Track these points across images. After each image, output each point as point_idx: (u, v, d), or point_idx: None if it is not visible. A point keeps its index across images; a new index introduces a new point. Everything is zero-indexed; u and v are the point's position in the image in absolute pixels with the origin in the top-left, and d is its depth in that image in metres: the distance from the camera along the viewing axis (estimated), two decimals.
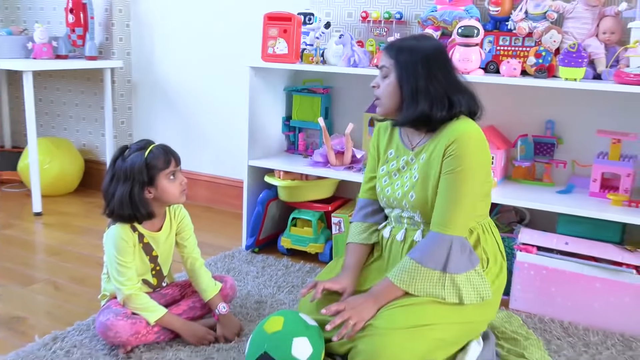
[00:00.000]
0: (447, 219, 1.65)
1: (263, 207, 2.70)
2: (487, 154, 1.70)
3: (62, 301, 2.22)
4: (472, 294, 1.67)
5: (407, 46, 1.70)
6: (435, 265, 1.64)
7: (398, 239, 1.79)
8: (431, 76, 1.67)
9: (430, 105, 1.67)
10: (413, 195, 1.73)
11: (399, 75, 1.69)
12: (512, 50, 2.39)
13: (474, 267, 1.68)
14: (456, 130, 1.66)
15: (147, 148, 1.86)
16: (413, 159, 1.77)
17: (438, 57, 1.70)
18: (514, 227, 2.42)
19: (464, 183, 1.64)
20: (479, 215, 1.76)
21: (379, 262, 1.87)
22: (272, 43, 2.57)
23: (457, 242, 1.66)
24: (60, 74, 3.79)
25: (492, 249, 1.76)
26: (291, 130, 2.93)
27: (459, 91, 1.71)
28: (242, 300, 2.21)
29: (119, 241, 1.86)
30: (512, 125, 2.55)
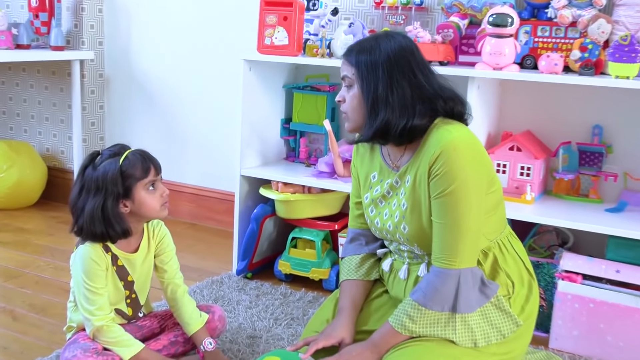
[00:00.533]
0: (450, 252, 1.62)
1: (257, 224, 2.70)
2: (483, 161, 1.66)
3: (20, 333, 2.22)
4: (490, 334, 1.65)
5: (367, 49, 1.69)
6: (442, 307, 1.62)
7: (401, 277, 1.79)
8: (393, 81, 1.65)
9: (391, 115, 1.65)
10: (405, 227, 1.72)
11: (360, 85, 1.69)
12: (552, 43, 2.40)
13: (489, 299, 1.66)
14: (439, 142, 1.62)
15: (122, 154, 1.86)
16: (398, 181, 1.74)
17: (404, 57, 1.67)
18: (555, 252, 2.41)
19: (461, 204, 1.60)
20: (492, 231, 1.73)
21: (387, 296, 1.86)
22: (270, 32, 2.58)
23: (466, 275, 1.63)
24: (21, 66, 3.80)
25: (515, 269, 1.74)
26: (291, 134, 2.94)
27: (434, 95, 1.68)
28: (233, 334, 2.21)
29: (88, 263, 1.85)
30: (552, 131, 2.55)
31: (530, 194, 2.36)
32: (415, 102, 1.65)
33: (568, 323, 2.20)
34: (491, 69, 2.29)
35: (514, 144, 2.40)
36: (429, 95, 1.67)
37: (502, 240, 1.75)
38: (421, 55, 1.71)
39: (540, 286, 2.30)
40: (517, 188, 2.40)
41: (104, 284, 1.87)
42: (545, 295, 2.31)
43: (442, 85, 1.71)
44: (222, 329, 2.07)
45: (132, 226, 1.89)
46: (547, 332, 2.29)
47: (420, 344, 1.62)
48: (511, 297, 1.71)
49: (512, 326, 1.67)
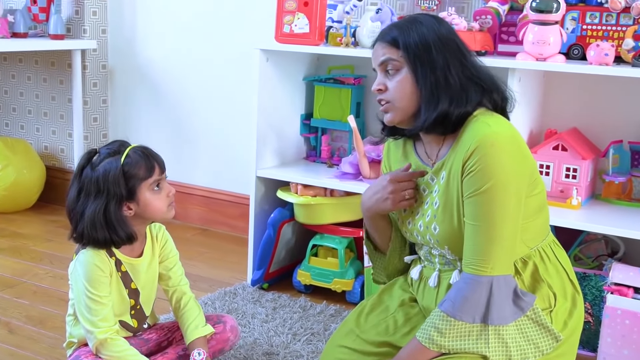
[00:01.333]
0: (482, 257, 1.62)
1: (275, 230, 2.73)
2: (525, 160, 1.66)
3: (17, 347, 2.26)
4: (527, 350, 1.65)
5: (412, 30, 1.69)
6: (473, 318, 1.62)
7: (430, 285, 1.80)
8: (448, 63, 1.66)
9: (450, 102, 1.66)
10: (436, 227, 1.72)
11: (414, 68, 1.68)
12: (603, 30, 2.40)
13: (524, 312, 1.67)
14: (475, 136, 1.62)
15: (122, 152, 1.89)
16: (433, 178, 1.75)
17: (450, 35, 1.69)
18: (604, 262, 2.41)
19: (497, 205, 1.60)
20: (533, 237, 1.74)
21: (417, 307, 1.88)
22: (289, 19, 2.60)
23: (499, 283, 1.64)
24: (17, 56, 3.87)
25: (557, 281, 1.74)
26: (312, 131, 2.96)
27: (481, 78, 1.70)
28: (247, 350, 2.24)
29: (91, 269, 1.88)
30: (601, 129, 2.55)
31: (577, 199, 2.36)
32: (469, 87, 1.67)
33: (618, 341, 2.19)
34: (534, 60, 2.30)
35: (558, 142, 2.40)
36: (478, 80, 1.68)
37: (543, 248, 1.75)
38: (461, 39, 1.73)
39: (587, 300, 2.31)
40: (561, 192, 2.40)
41: (108, 292, 1.90)
42: (593, 311, 2.31)
43: (487, 71, 1.73)
44: (234, 341, 2.10)
45: (137, 229, 1.92)
46: (594, 351, 2.29)
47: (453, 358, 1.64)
48: (552, 310, 1.71)
49: (551, 341, 1.68)
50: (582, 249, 2.49)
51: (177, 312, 2.05)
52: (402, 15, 2.71)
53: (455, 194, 1.68)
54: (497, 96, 1.71)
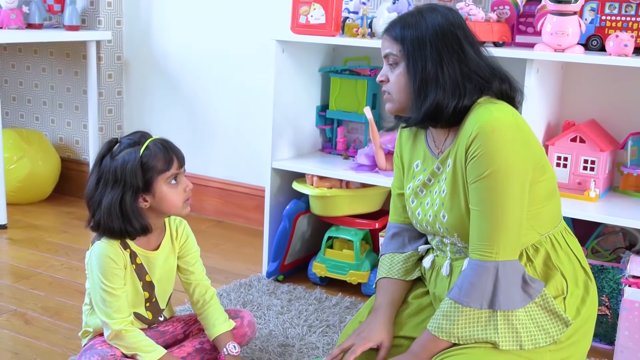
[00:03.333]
0: (488, 242, 1.64)
1: (290, 222, 2.74)
2: (526, 143, 1.67)
3: (33, 338, 2.29)
4: (538, 336, 1.66)
5: (412, 24, 1.72)
6: (481, 303, 1.64)
7: (443, 274, 1.81)
8: (442, 59, 1.68)
9: (442, 95, 1.68)
10: (445, 215, 1.74)
11: (407, 64, 1.72)
12: (622, 21, 2.39)
13: (532, 299, 1.68)
14: (476, 122, 1.64)
15: (142, 144, 1.91)
16: (440, 167, 1.77)
17: (452, 32, 1.70)
18: (622, 255, 2.41)
19: (500, 190, 1.62)
20: (544, 224, 1.75)
21: (429, 297, 1.89)
22: (305, 10, 2.61)
23: (505, 268, 1.65)
24: (32, 47, 3.89)
25: (569, 268, 1.75)
26: (328, 123, 2.97)
27: (485, 73, 1.71)
28: (263, 342, 2.26)
29: (105, 261, 1.90)
30: (620, 120, 2.54)
31: (595, 191, 2.36)
32: (466, 80, 1.69)
33: (635, 334, 2.20)
34: (552, 51, 2.30)
35: (576, 134, 2.40)
36: (479, 74, 1.70)
37: (555, 235, 1.76)
38: (469, 29, 1.75)
39: (605, 293, 2.31)
40: (579, 184, 2.40)
41: (122, 284, 1.91)
42: (610, 303, 2.31)
43: (492, 63, 1.75)
44: (251, 336, 2.12)
45: (152, 222, 1.94)
46: (611, 345, 2.29)
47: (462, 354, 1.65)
48: (565, 297, 1.72)
49: (561, 327, 1.68)
50: (599, 242, 2.49)
51: (200, 306, 2.06)
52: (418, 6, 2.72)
53: (461, 180, 1.70)
54: (502, 86, 1.73)
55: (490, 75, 1.72)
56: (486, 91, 1.71)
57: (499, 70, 1.75)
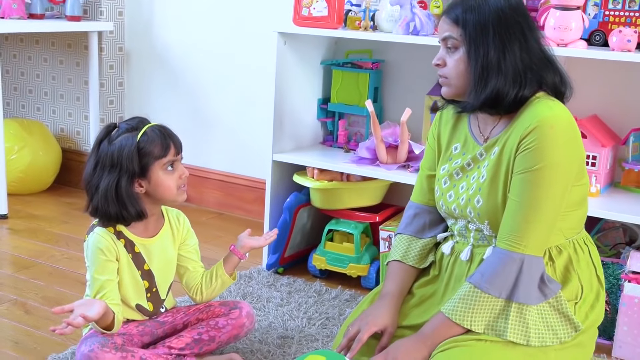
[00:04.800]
0: (519, 234, 1.66)
1: (290, 215, 2.75)
2: (578, 148, 1.70)
3: (33, 328, 2.30)
4: (545, 336, 1.68)
5: (474, 7, 1.70)
6: (500, 292, 1.66)
7: (462, 259, 1.82)
8: (505, 45, 1.68)
9: (503, 83, 1.68)
10: (480, 200, 1.75)
11: (468, 49, 1.71)
12: (625, 16, 2.39)
13: (547, 299, 1.69)
14: (536, 116, 1.65)
15: (140, 129, 1.92)
16: (483, 154, 1.78)
17: (514, 18, 1.69)
18: (621, 250, 2.42)
19: (543, 186, 1.64)
20: (570, 228, 1.76)
21: (434, 286, 1.90)
22: (308, 2, 2.61)
23: (530, 263, 1.67)
24: (34, 38, 3.90)
25: (586, 274, 1.77)
26: (329, 116, 2.98)
27: (542, 63, 1.71)
28: (262, 334, 2.27)
29: (95, 252, 1.92)
30: (622, 116, 2.54)
31: (596, 186, 2.37)
32: (527, 69, 1.69)
33: (634, 329, 2.21)
34: (555, 45, 2.29)
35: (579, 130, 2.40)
36: (539, 63, 1.70)
37: (578, 241, 1.78)
38: (530, 16, 1.74)
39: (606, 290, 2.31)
40: None
41: (112, 275, 1.93)
42: (610, 299, 2.32)
43: (549, 54, 1.75)
44: (249, 327, 2.12)
45: (148, 208, 1.95)
46: (610, 339, 2.30)
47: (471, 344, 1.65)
48: (578, 302, 1.74)
49: (570, 330, 1.70)
50: (599, 237, 2.50)
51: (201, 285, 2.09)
52: (423, 0, 2.72)
53: (504, 169, 1.71)
54: (557, 82, 1.74)
55: (548, 66, 1.72)
56: (543, 82, 1.71)
57: (555, 62, 1.75)
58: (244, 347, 2.18)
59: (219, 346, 2.07)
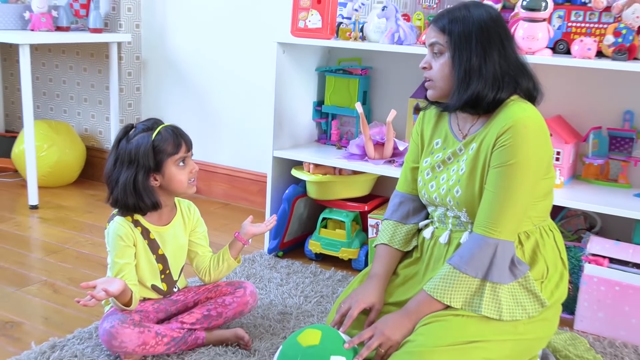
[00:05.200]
0: (494, 221, 1.67)
1: (289, 205, 2.75)
2: (547, 146, 1.71)
3: (61, 305, 2.30)
4: (516, 311, 1.68)
5: (459, 18, 1.71)
6: (476, 272, 1.67)
7: (441, 242, 1.82)
8: (486, 53, 1.68)
9: (483, 86, 1.69)
10: (459, 190, 1.76)
11: (453, 55, 1.71)
12: (586, 28, 2.39)
13: (517, 279, 1.70)
14: (511, 116, 1.66)
15: (155, 129, 1.92)
16: (462, 149, 1.79)
17: (494, 28, 1.70)
18: (582, 235, 2.42)
19: (517, 179, 1.65)
20: (538, 216, 1.77)
21: (416, 267, 1.90)
22: (304, 15, 2.60)
23: (504, 247, 1.68)
24: (61, 48, 3.89)
25: (552, 256, 1.78)
26: (323, 117, 2.97)
27: (518, 69, 1.72)
28: (264, 310, 2.27)
29: (115, 238, 1.93)
30: (583, 116, 2.54)
31: (560, 179, 2.37)
32: (504, 75, 1.70)
33: (594, 305, 2.21)
34: (524, 53, 2.29)
35: None
36: (515, 69, 1.71)
37: (544, 227, 1.79)
38: (507, 27, 1.75)
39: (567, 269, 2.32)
40: None
41: (129, 259, 1.93)
42: (572, 278, 2.32)
43: (524, 61, 1.76)
44: (253, 304, 2.12)
45: (162, 200, 1.96)
46: (572, 314, 2.30)
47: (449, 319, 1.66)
48: (544, 281, 1.74)
49: (537, 306, 1.71)
50: (563, 224, 2.50)
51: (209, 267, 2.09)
52: (406, 13, 2.71)
53: (482, 163, 1.72)
54: (530, 87, 1.74)
55: (522, 72, 1.73)
56: (518, 86, 1.72)
57: (528, 69, 1.76)
58: (248, 322, 2.18)
59: (225, 321, 2.07)
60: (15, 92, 4.11)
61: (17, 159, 3.61)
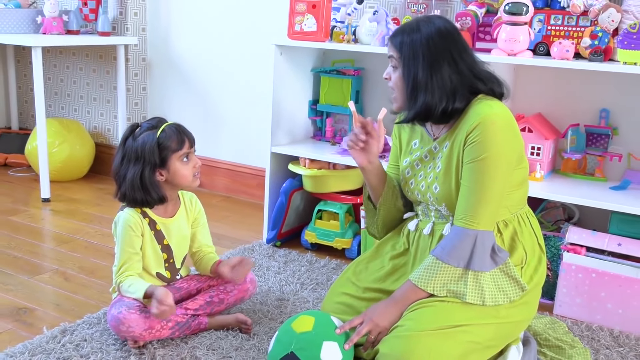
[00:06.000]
0: (472, 213, 1.66)
1: (286, 197, 2.74)
2: (515, 138, 1.69)
3: (72, 292, 2.29)
4: (498, 296, 1.68)
5: (408, 34, 1.70)
6: (458, 262, 1.66)
7: (425, 233, 1.82)
8: (433, 67, 1.67)
9: (431, 99, 1.67)
10: (437, 187, 1.76)
11: (402, 70, 1.71)
12: (564, 31, 2.38)
13: (498, 265, 1.69)
14: (478, 114, 1.65)
15: (159, 127, 1.91)
16: (437, 147, 1.78)
17: (443, 43, 1.68)
18: (561, 226, 2.42)
19: (489, 172, 1.64)
20: (514, 205, 1.76)
21: (404, 257, 1.90)
22: (300, 19, 2.59)
23: (483, 237, 1.67)
24: (71, 50, 3.87)
25: (530, 243, 1.77)
26: (318, 115, 2.96)
27: (472, 80, 1.69)
28: (263, 296, 2.26)
29: (124, 228, 1.92)
30: (562, 114, 2.54)
31: (540, 172, 2.36)
32: (456, 87, 1.68)
33: (572, 291, 2.21)
34: (506, 55, 2.29)
35: (525, 125, 2.40)
36: (468, 81, 1.69)
37: (521, 215, 1.78)
38: (462, 38, 1.72)
39: (547, 257, 2.32)
40: None
41: (137, 248, 1.93)
42: (552, 266, 2.32)
43: (482, 68, 1.74)
44: (252, 291, 2.12)
45: (167, 194, 1.95)
46: (552, 300, 2.31)
47: (433, 306, 1.66)
48: (523, 267, 1.74)
49: (518, 290, 1.70)
50: (543, 215, 2.50)
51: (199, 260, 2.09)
52: (396, 17, 2.70)
53: (455, 160, 1.71)
54: (489, 86, 1.72)
55: (479, 79, 1.71)
56: (477, 92, 1.70)
57: (487, 72, 1.74)
58: (248, 307, 2.17)
59: (227, 307, 2.07)
60: (29, 92, 4.09)
61: (30, 155, 3.59)
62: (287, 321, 1.73)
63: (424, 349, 1.57)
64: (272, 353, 1.69)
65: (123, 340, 1.92)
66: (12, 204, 3.23)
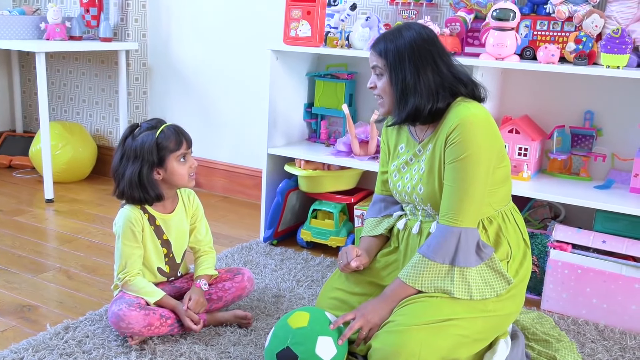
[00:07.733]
0: (455, 211, 1.66)
1: (282, 197, 2.73)
2: (494, 136, 1.69)
3: (74, 290, 2.28)
4: (485, 290, 1.68)
5: (392, 41, 1.71)
6: (444, 259, 1.66)
7: (413, 232, 1.82)
8: (419, 70, 1.68)
9: (420, 100, 1.68)
10: (422, 188, 1.76)
11: (390, 76, 1.71)
12: (550, 36, 2.38)
13: (483, 261, 1.69)
14: (457, 116, 1.66)
15: (158, 127, 1.90)
16: (421, 150, 1.79)
17: (425, 48, 1.69)
18: (548, 224, 2.42)
19: (470, 171, 1.64)
20: (498, 202, 1.76)
21: (395, 255, 1.89)
22: (295, 25, 2.59)
23: (467, 234, 1.67)
24: (74, 55, 3.85)
25: (514, 238, 1.77)
26: (313, 117, 2.95)
27: (452, 82, 1.71)
28: (260, 293, 2.25)
29: (125, 224, 1.91)
30: (548, 116, 2.54)
31: (527, 172, 2.36)
32: (439, 87, 1.69)
33: (558, 287, 2.21)
34: (494, 59, 2.29)
35: (513, 127, 2.40)
36: (449, 82, 1.70)
37: (505, 212, 1.78)
38: (440, 43, 1.74)
39: (534, 254, 2.32)
40: (515, 167, 2.40)
41: (138, 243, 1.92)
42: (539, 262, 2.32)
43: (460, 71, 1.75)
44: (250, 289, 2.11)
45: (164, 192, 1.94)
46: (539, 295, 2.30)
47: (423, 302, 1.65)
48: (509, 261, 1.74)
49: (504, 284, 1.70)
50: (530, 214, 2.50)
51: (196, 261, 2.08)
52: (387, 23, 2.70)
53: (437, 161, 1.71)
54: (469, 88, 1.73)
55: (459, 81, 1.72)
56: (457, 94, 1.71)
57: (466, 76, 1.75)
58: (246, 304, 2.16)
59: (225, 304, 2.06)
60: (33, 96, 4.08)
61: (34, 157, 3.58)
62: (283, 317, 1.72)
63: (415, 343, 1.57)
64: (268, 348, 1.69)
65: (123, 337, 1.90)
66: (16, 204, 3.21)
